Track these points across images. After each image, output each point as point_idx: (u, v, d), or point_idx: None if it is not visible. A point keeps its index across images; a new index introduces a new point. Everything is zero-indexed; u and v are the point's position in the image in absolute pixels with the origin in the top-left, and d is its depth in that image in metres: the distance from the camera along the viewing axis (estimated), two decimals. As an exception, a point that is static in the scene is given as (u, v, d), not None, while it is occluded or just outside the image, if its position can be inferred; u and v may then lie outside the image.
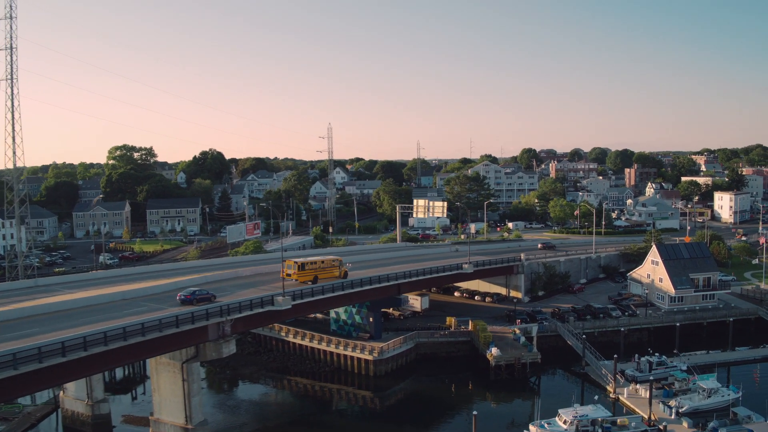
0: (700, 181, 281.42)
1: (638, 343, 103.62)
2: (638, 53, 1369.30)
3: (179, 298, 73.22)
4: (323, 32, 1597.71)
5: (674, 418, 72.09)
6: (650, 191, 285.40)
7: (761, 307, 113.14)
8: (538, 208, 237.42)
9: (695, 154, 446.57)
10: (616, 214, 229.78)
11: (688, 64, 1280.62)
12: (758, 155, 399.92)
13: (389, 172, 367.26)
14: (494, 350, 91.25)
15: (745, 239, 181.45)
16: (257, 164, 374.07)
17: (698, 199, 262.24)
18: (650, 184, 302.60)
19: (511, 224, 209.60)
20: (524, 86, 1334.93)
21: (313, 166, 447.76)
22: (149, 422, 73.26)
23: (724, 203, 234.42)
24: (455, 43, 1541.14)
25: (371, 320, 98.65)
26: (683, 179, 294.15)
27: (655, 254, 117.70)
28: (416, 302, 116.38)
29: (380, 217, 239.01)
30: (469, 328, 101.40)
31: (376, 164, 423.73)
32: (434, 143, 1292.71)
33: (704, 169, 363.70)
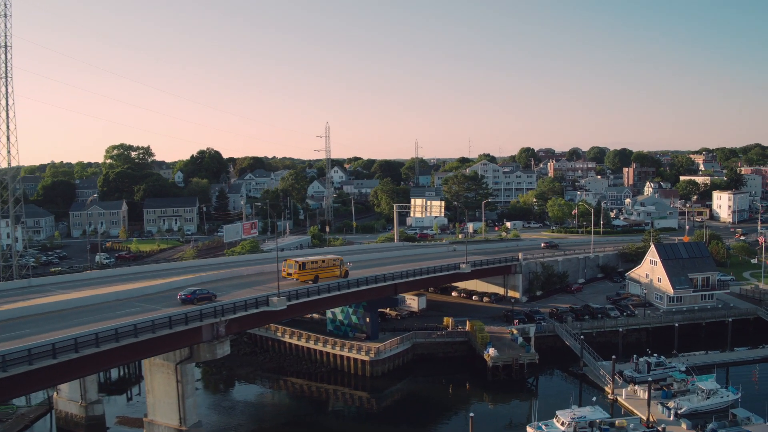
0: (698, 180, 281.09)
1: (637, 343, 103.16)
2: (637, 53, 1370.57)
3: (180, 297, 73.10)
4: (322, 32, 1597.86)
5: (673, 419, 71.55)
6: (649, 190, 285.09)
7: (760, 307, 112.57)
8: (536, 207, 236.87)
9: (694, 153, 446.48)
10: (614, 213, 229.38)
11: (686, 63, 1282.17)
12: (757, 154, 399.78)
13: (387, 171, 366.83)
14: (491, 351, 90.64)
15: (743, 239, 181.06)
16: (255, 163, 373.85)
17: (697, 198, 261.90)
18: (649, 183, 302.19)
19: (509, 224, 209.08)
20: (523, 86, 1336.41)
21: (311, 165, 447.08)
22: (143, 424, 72.67)
23: (722, 203, 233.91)
24: (454, 42, 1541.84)
25: (368, 320, 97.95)
26: (682, 179, 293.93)
27: (653, 254, 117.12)
28: (413, 302, 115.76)
29: (378, 216, 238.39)
30: (466, 328, 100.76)
31: (374, 163, 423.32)
32: (432, 142, 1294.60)
33: (703, 168, 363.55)
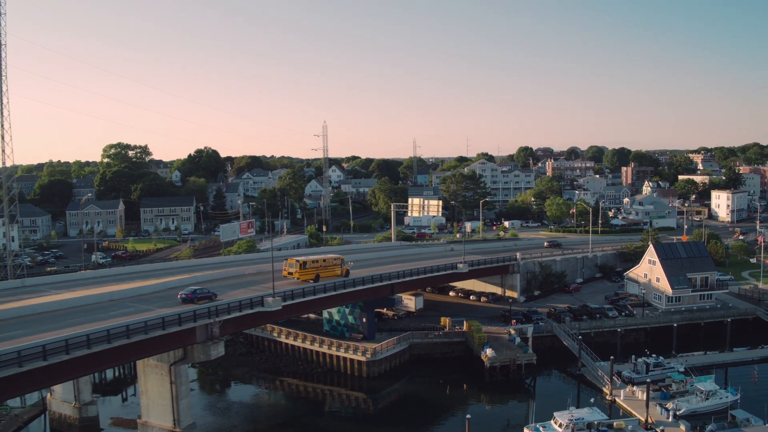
0: (697, 179, 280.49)
1: (635, 343, 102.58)
2: (635, 52, 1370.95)
3: (180, 296, 73.14)
4: (321, 31, 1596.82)
5: (672, 420, 70.95)
6: (647, 190, 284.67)
7: (759, 307, 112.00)
8: (534, 206, 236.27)
9: (692, 152, 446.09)
10: (612, 212, 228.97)
11: (685, 62, 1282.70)
12: (755, 154, 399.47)
13: (385, 170, 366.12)
14: (489, 351, 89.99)
15: (742, 238, 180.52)
16: (253, 162, 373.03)
17: (695, 197, 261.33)
18: (647, 182, 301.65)
19: (507, 223, 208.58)
20: (521, 85, 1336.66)
21: (309, 164, 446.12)
22: (137, 425, 71.99)
23: (721, 202, 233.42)
24: (452, 41, 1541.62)
25: (364, 321, 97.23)
26: (680, 178, 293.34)
27: (652, 253, 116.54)
28: (410, 302, 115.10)
29: (376, 215, 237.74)
30: (463, 328, 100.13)
31: (372, 162, 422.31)
32: (431, 141, 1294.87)
33: (701, 167, 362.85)
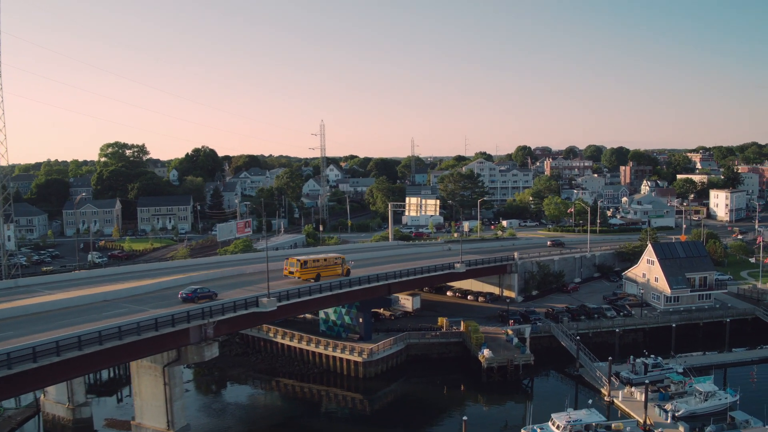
0: (695, 179, 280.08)
1: (633, 344, 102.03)
2: (634, 51, 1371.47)
3: (180, 296, 73.18)
4: (319, 31, 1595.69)
5: (670, 422, 70.37)
6: (645, 189, 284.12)
7: (758, 307, 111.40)
8: (532, 206, 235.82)
9: (690, 151, 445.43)
10: (611, 212, 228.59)
11: (683, 62, 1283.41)
12: (754, 153, 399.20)
13: (383, 169, 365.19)
14: (486, 352, 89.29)
15: (741, 238, 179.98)
16: (250, 161, 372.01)
17: (694, 197, 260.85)
18: (645, 181, 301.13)
19: (505, 222, 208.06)
20: (520, 84, 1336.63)
21: (307, 163, 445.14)
22: (131, 427, 71.33)
23: (719, 201, 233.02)
24: (451, 40, 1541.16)
25: (361, 321, 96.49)
26: (679, 177, 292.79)
27: (650, 253, 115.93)
28: (407, 302, 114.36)
29: (373, 215, 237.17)
30: (461, 328, 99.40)
31: (370, 162, 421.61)
32: (429, 141, 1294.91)
33: (700, 166, 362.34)
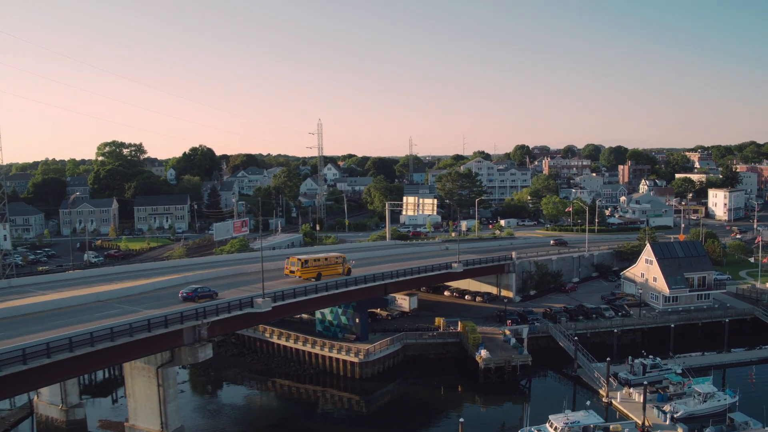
0: (694, 178, 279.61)
1: (632, 344, 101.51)
2: (632, 50, 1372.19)
3: (181, 295, 73.32)
4: (318, 30, 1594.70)
5: (669, 423, 69.82)
6: (644, 188, 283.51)
7: (757, 307, 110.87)
8: (530, 205, 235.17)
9: (689, 151, 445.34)
10: (609, 211, 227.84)
11: (682, 61, 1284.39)
12: (752, 152, 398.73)
13: (381, 168, 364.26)
14: (484, 352, 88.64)
15: (740, 237, 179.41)
16: (248, 161, 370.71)
17: (692, 196, 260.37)
18: (644, 181, 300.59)
19: (503, 221, 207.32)
20: (518, 83, 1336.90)
21: (304, 162, 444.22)
22: (125, 428, 70.65)
23: (718, 200, 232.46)
24: (449, 40, 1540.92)
25: (357, 321, 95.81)
26: (677, 176, 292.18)
27: (649, 253, 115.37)
28: (404, 302, 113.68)
29: (371, 214, 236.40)
30: (458, 329, 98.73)
31: (368, 161, 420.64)
32: (427, 140, 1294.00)
33: (698, 166, 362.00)
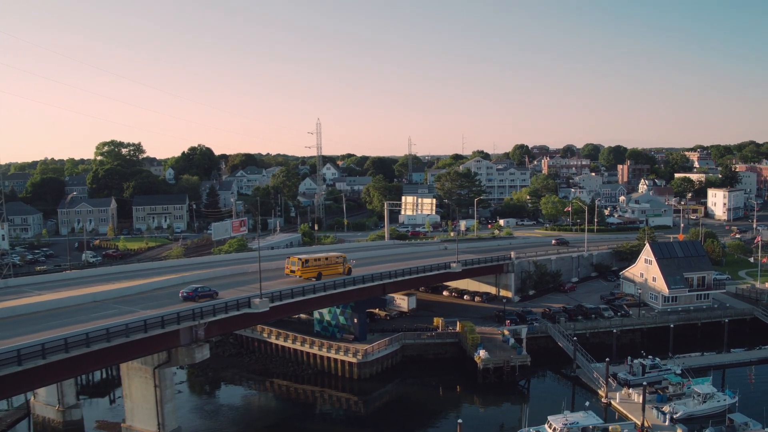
0: (693, 177, 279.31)
1: (631, 344, 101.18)
2: (632, 50, 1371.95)
3: (181, 295, 73.20)
4: (317, 29, 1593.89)
5: (668, 424, 69.49)
6: (643, 188, 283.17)
7: (757, 307, 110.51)
8: (529, 204, 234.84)
9: (688, 150, 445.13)
10: (608, 211, 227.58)
11: (681, 60, 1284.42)
12: (751, 152, 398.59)
13: (380, 168, 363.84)
14: (482, 352, 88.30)
15: (739, 237, 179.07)
16: (247, 160, 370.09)
17: (691, 196, 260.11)
18: (643, 180, 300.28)
19: (502, 221, 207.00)
20: (517, 82, 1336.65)
21: (304, 162, 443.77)
22: (121, 429, 70.29)
23: (717, 200, 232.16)
24: (448, 39, 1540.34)
25: (356, 321, 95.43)
26: (676, 176, 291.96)
27: (648, 253, 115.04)
28: (403, 302, 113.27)
29: (370, 213, 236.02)
30: (456, 329, 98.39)
31: (367, 160, 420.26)
32: (426, 139, 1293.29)
33: (697, 165, 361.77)
